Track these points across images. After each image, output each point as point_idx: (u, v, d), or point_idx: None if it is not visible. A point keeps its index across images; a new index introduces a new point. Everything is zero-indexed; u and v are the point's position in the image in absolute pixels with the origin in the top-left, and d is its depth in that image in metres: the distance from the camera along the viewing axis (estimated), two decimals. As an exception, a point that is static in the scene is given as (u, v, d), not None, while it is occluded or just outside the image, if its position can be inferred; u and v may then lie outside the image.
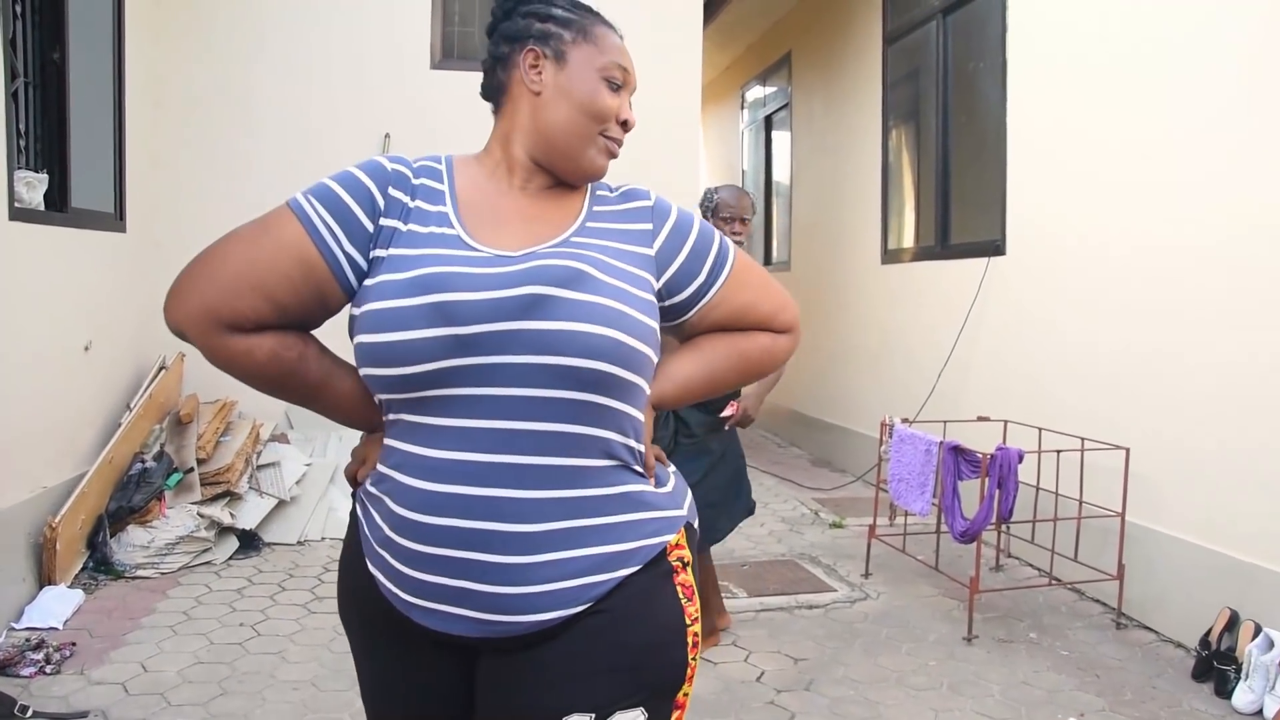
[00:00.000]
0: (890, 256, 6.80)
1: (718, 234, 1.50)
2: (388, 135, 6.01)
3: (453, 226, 1.35)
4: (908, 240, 6.61)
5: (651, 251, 1.41)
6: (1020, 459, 4.02)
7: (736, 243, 3.74)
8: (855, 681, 3.56)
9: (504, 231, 1.37)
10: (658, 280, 1.41)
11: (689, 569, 1.40)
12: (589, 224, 1.41)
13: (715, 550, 5.19)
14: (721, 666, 3.68)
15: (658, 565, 1.36)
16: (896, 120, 6.84)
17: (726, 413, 3.70)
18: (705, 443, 3.75)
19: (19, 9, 4.24)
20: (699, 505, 3.61)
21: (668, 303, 1.43)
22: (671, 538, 1.39)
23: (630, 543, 1.33)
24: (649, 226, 1.43)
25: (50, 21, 4.47)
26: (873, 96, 7.07)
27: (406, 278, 1.27)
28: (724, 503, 3.82)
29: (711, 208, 3.96)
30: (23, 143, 4.27)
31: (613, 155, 1.48)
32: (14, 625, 3.87)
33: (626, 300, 1.30)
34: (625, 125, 1.49)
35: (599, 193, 1.47)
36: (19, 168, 4.16)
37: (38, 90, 4.44)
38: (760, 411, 3.83)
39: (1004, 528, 4.59)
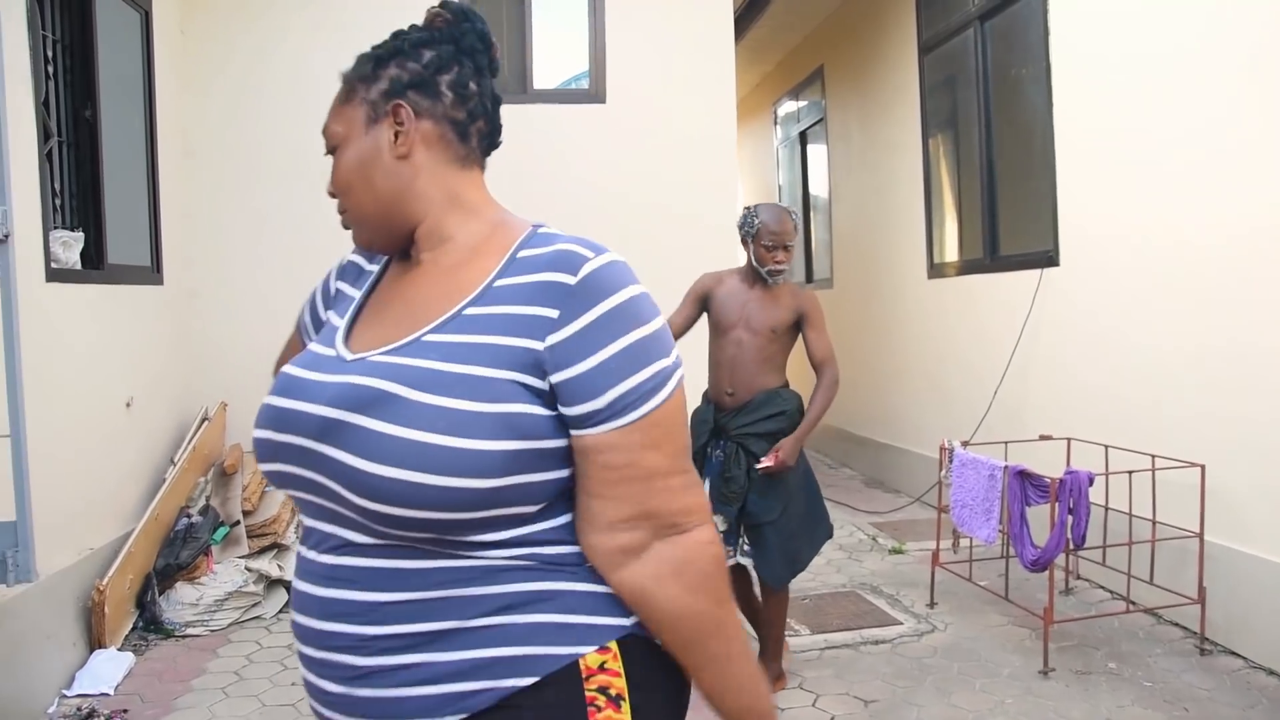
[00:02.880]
0: (936, 270, 6.64)
1: (663, 363, 1.12)
2: (421, 173, 5.94)
3: (341, 317, 1.27)
4: (954, 254, 6.44)
5: (541, 345, 1.09)
6: (1091, 481, 3.85)
7: (778, 270, 3.64)
8: (930, 724, 3.40)
9: (379, 322, 1.23)
10: (545, 379, 1.09)
11: (621, 707, 1.11)
12: (469, 310, 1.13)
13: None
14: (790, 713, 3.53)
15: (565, 688, 1.09)
16: (936, 130, 6.69)
17: (765, 463, 3.54)
18: (780, 474, 3.57)
19: (50, 69, 4.22)
20: (781, 538, 3.55)
21: (564, 412, 1.10)
22: (587, 651, 1.10)
23: (519, 648, 1.08)
24: (553, 314, 1.09)
25: (81, 79, 4.45)
26: (910, 107, 6.92)
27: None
28: (804, 532, 3.65)
29: (752, 233, 3.67)
30: (58, 201, 4.24)
31: (345, 226, 1.30)
32: (65, 693, 3.81)
33: (451, 425, 1.03)
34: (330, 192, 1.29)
35: (523, 254, 1.17)
36: (54, 227, 4.13)
37: (71, 148, 4.42)
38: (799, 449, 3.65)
39: (1074, 551, 4.41)
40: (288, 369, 1.20)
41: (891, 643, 4.19)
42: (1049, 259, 5.16)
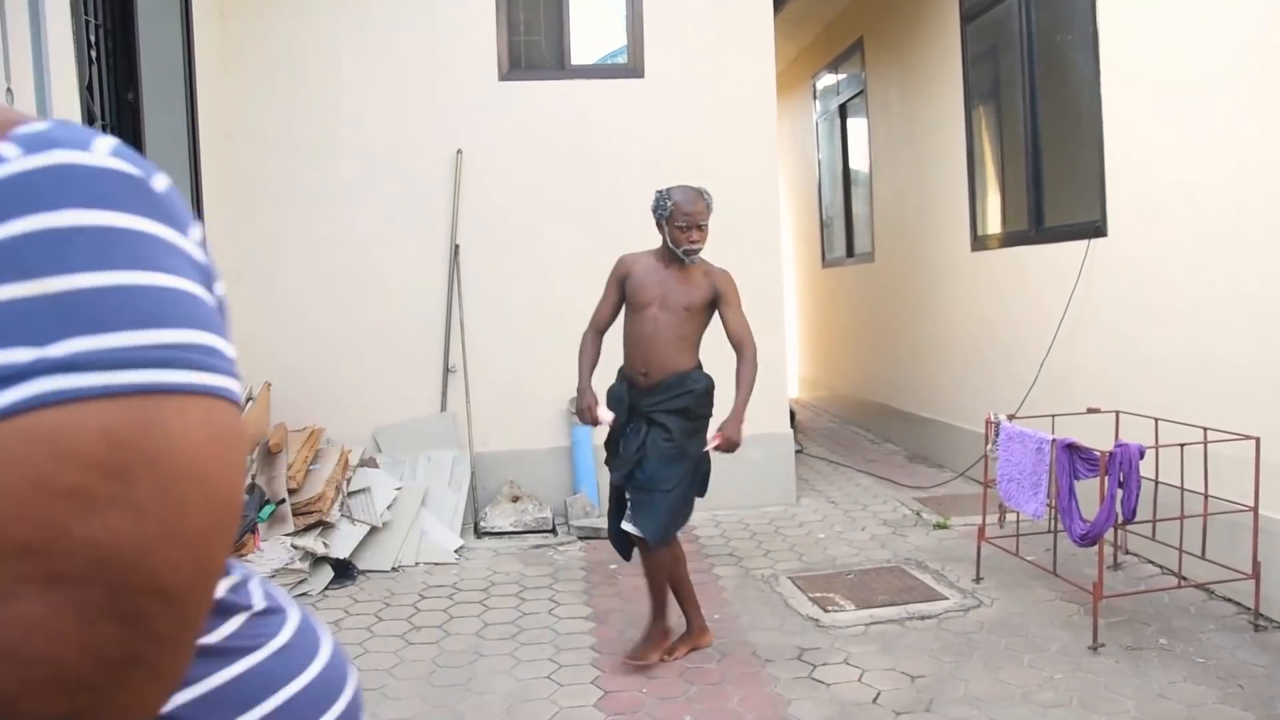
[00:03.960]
0: (980, 243, 6.55)
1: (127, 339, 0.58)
2: (460, 152, 5.95)
3: None
4: (998, 226, 6.35)
5: None
6: (1142, 455, 3.78)
7: (693, 250, 3.73)
8: (978, 700, 3.37)
9: None
10: None
11: None
12: None
13: (818, 559, 5.04)
14: (835, 688, 3.51)
15: None
16: (979, 101, 6.58)
17: (713, 444, 3.76)
18: (684, 447, 3.74)
19: (94, 54, 4.25)
20: (673, 509, 3.70)
21: None
22: None
23: None
24: None
25: (124, 64, 4.48)
26: (952, 78, 6.81)
27: None
28: (689, 504, 3.88)
29: (666, 215, 3.76)
30: (102, 185, 4.28)
31: None
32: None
33: None
34: None
35: None
36: (99, 210, 4.17)
37: (114, 132, 4.45)
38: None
39: (1123, 526, 4.34)
40: None
41: (937, 618, 4.15)
42: (1096, 229, 5.07)
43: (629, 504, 3.79)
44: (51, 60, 3.05)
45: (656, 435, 3.72)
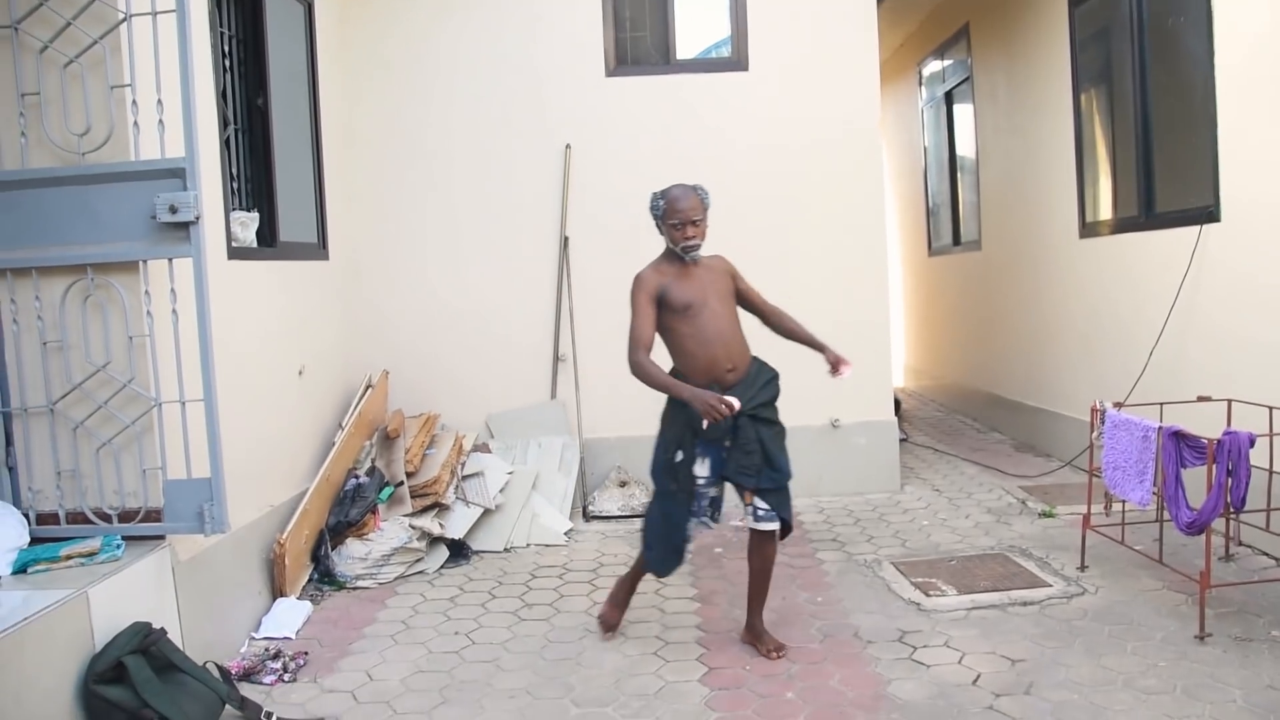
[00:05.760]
0: (1089, 230, 6.45)
1: None
2: (568, 146, 6.13)
3: None
4: (1107, 212, 6.25)
5: None
6: (1252, 443, 3.74)
7: (691, 245, 3.74)
8: (1078, 685, 3.39)
9: None
10: None
11: None
12: None
13: (921, 545, 5.08)
14: (935, 669, 3.58)
15: None
16: (1088, 86, 6.48)
17: (846, 370, 3.80)
18: (780, 423, 3.83)
19: (227, 62, 4.54)
20: (788, 494, 3.78)
21: None
22: None
23: None
24: None
25: (254, 71, 4.77)
26: (1060, 63, 6.72)
27: None
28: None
29: (660, 214, 3.80)
30: (235, 185, 4.57)
31: None
32: (254, 635, 4.16)
33: None
34: None
35: None
36: (233, 208, 4.46)
37: (245, 135, 4.74)
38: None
39: (1234, 516, 4.28)
40: None
41: (1040, 604, 4.17)
42: (1209, 215, 4.97)
43: (759, 504, 3.73)
44: (195, 71, 3.29)
45: (767, 431, 3.72)
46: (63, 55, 3.44)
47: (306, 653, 3.95)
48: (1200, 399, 4.56)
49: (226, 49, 4.57)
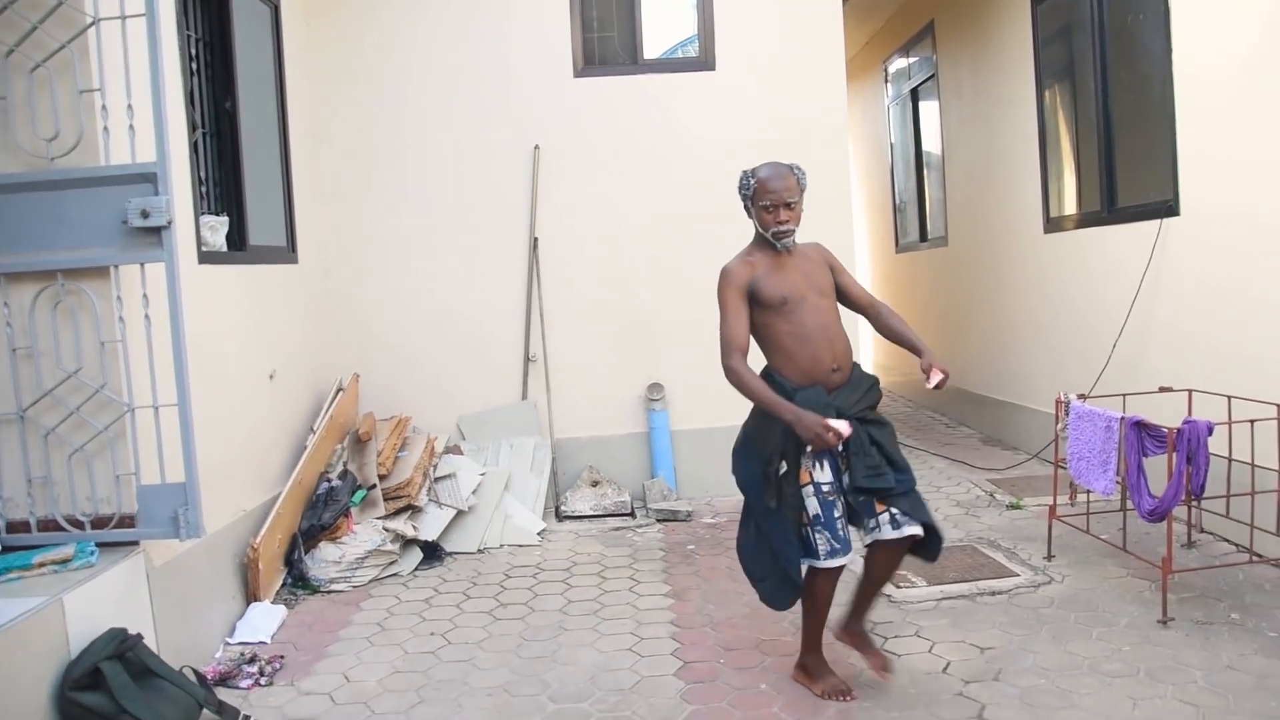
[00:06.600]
0: (1053, 225, 6.55)
1: None
2: (537, 147, 6.15)
3: None
4: (1071, 207, 6.35)
5: None
6: (1210, 431, 3.83)
7: (782, 231, 3.33)
8: (1045, 670, 3.47)
9: None
10: None
11: None
12: None
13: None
14: (906, 659, 3.64)
15: None
16: (1051, 82, 6.58)
17: (937, 381, 3.32)
18: (889, 421, 3.43)
19: (194, 65, 4.53)
20: (920, 497, 3.35)
21: None
22: None
23: None
24: None
25: (221, 74, 4.76)
26: (1024, 60, 6.82)
27: None
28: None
29: (750, 194, 3.38)
30: (204, 189, 4.56)
31: None
32: (229, 640, 4.16)
33: None
34: None
35: None
36: (203, 213, 4.45)
37: (214, 138, 4.73)
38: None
39: (1195, 503, 4.37)
40: None
41: (1008, 594, 4.24)
42: (1169, 209, 5.07)
43: (882, 511, 3.29)
44: (164, 75, 3.29)
45: (882, 433, 3.34)
46: (30, 59, 3.43)
47: (282, 656, 3.96)
48: (1162, 389, 4.64)
49: (194, 52, 4.56)
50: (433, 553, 5.18)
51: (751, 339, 3.37)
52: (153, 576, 3.60)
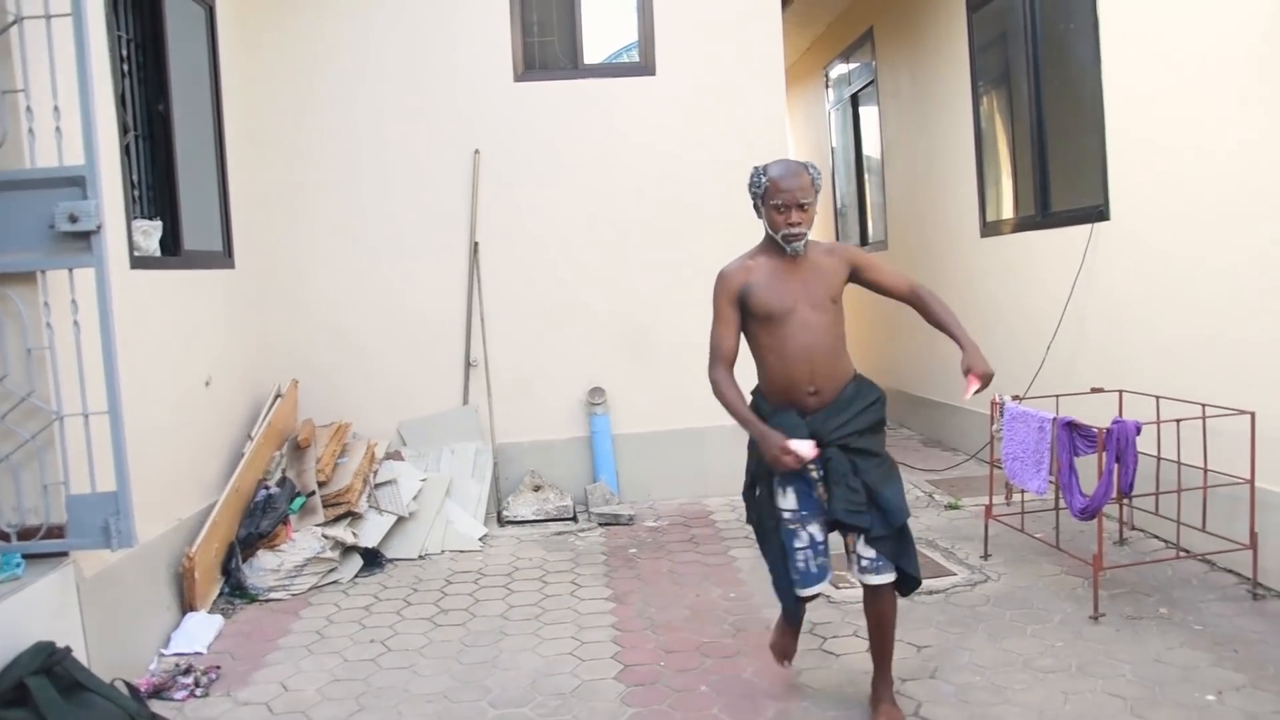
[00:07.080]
0: (990, 229, 6.66)
1: None
2: (477, 151, 6.13)
3: None
4: (1007, 211, 6.47)
5: None
6: (1138, 431, 3.92)
7: (794, 235, 3.11)
8: (980, 667, 3.52)
9: None
10: None
11: None
12: None
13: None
14: (844, 659, 3.68)
15: None
16: (987, 88, 6.70)
17: (973, 389, 3.23)
18: (888, 454, 3.22)
19: (126, 67, 4.45)
20: (908, 539, 3.14)
21: None
22: None
23: None
24: None
25: (154, 75, 4.68)
26: (960, 66, 6.93)
27: None
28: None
29: (760, 192, 3.17)
30: (136, 193, 4.48)
31: None
32: (163, 651, 4.08)
33: None
34: None
35: None
36: (135, 217, 4.37)
37: (146, 141, 4.65)
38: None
39: (1126, 501, 4.47)
40: None
41: (945, 593, 4.30)
42: (1100, 214, 5.18)
43: (865, 552, 3.12)
44: (93, 75, 3.22)
45: (867, 464, 3.09)
46: (-50, 61, 3.35)
47: (219, 667, 3.89)
48: (1093, 390, 4.75)
49: (125, 53, 4.47)
50: (373, 560, 5.13)
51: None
52: (83, 588, 3.52)
